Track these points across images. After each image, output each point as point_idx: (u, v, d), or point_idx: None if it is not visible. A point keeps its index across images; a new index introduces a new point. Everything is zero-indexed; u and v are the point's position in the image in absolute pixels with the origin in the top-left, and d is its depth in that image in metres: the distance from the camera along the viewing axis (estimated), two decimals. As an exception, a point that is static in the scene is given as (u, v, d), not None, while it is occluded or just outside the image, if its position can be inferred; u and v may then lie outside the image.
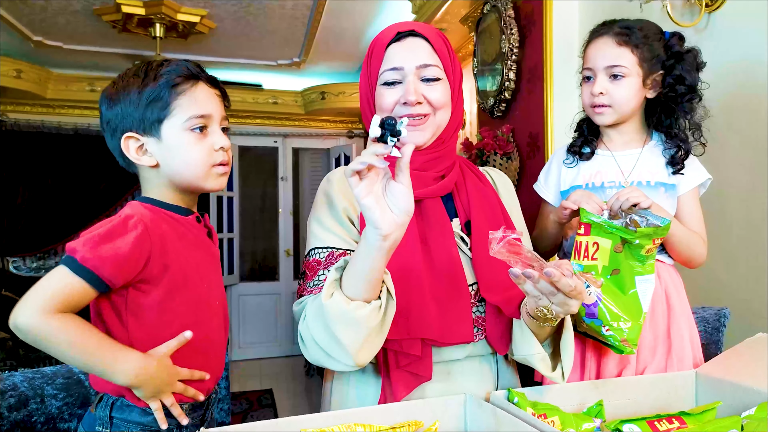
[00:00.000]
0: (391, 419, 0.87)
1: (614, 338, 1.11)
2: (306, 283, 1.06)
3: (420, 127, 1.07)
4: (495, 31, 2.73)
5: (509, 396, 0.95)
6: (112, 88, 0.99)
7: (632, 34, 1.26)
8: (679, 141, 1.29)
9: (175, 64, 0.98)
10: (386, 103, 1.07)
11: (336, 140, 6.15)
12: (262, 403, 4.53)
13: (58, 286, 0.86)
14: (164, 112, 0.96)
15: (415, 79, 1.05)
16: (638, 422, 0.90)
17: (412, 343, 1.00)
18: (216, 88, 1.03)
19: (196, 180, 0.99)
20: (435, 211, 1.09)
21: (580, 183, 1.34)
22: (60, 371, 1.12)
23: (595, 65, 1.28)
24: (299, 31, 4.21)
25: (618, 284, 1.11)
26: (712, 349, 1.52)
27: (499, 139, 2.67)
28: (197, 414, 1.00)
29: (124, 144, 0.98)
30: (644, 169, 1.30)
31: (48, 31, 4.13)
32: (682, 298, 1.31)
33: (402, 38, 1.07)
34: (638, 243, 1.08)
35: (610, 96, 1.27)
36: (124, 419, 0.94)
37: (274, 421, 0.83)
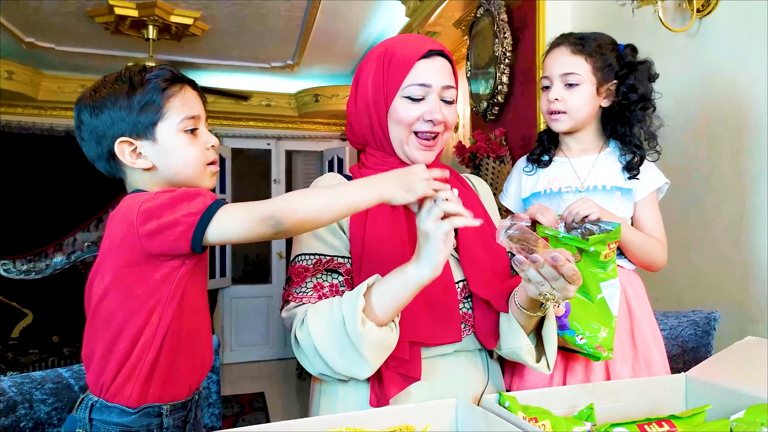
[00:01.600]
0: (383, 423, 0.87)
1: (589, 345, 1.13)
2: (292, 288, 1.07)
3: (434, 147, 1.12)
4: (488, 35, 2.74)
5: (500, 400, 0.95)
6: (94, 96, 0.99)
7: (586, 44, 1.31)
8: (634, 147, 1.33)
9: (158, 68, 1.01)
10: (407, 117, 1.09)
11: (329, 143, 6.15)
12: (254, 406, 4.52)
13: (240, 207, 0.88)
14: (158, 115, 0.98)
15: (437, 98, 1.09)
16: (628, 425, 0.90)
17: (401, 346, 1.01)
18: (197, 90, 1.07)
19: (192, 179, 1.01)
20: None
21: (539, 190, 1.38)
22: (49, 376, 1.11)
23: (551, 73, 1.33)
24: (293, 34, 4.21)
25: (584, 293, 1.15)
26: (702, 352, 1.53)
27: (491, 143, 2.68)
28: (179, 415, 1.00)
29: (118, 149, 0.98)
30: (600, 174, 1.34)
31: (40, 33, 4.11)
32: (643, 301, 1.34)
33: (431, 56, 1.09)
34: (594, 250, 1.12)
35: (565, 102, 1.31)
36: (103, 420, 0.94)
37: (264, 426, 0.83)
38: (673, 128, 1.44)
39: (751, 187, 1.62)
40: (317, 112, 5.75)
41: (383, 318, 0.95)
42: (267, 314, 5.96)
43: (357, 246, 1.08)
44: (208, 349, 1.05)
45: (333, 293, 1.05)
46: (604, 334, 1.13)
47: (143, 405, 0.94)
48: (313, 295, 1.04)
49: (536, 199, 1.37)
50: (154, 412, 0.95)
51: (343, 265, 1.07)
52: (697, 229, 1.78)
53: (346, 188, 0.89)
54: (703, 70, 1.78)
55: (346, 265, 1.08)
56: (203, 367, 1.05)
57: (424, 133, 1.09)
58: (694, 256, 1.79)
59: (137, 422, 0.94)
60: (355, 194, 0.88)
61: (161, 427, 0.96)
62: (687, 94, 1.82)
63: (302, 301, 1.03)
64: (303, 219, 0.87)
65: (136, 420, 0.94)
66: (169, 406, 0.97)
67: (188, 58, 4.62)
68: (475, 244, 1.13)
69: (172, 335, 0.94)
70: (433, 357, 1.08)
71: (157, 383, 0.95)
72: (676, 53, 1.85)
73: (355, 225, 1.09)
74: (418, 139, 1.10)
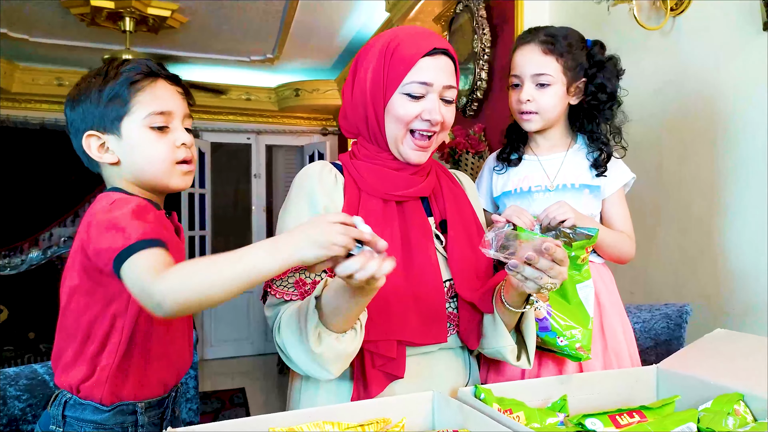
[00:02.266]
0: (360, 417, 0.88)
1: (570, 347, 1.15)
2: (273, 281, 1.04)
3: (428, 148, 1.10)
4: (467, 31, 2.76)
5: (476, 392, 0.96)
6: (75, 90, 0.99)
7: (557, 42, 1.30)
8: (601, 144, 1.34)
9: (136, 62, 0.98)
10: (406, 115, 1.06)
11: (310, 137, 6.13)
12: (234, 402, 4.50)
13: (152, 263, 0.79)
14: (123, 109, 0.96)
15: (437, 98, 1.07)
16: (600, 416, 0.92)
17: (389, 345, 1.02)
18: (178, 85, 1.03)
19: (159, 178, 0.99)
20: (415, 211, 1.12)
21: (509, 189, 1.39)
22: (23, 372, 1.10)
23: (522, 72, 1.32)
24: (273, 27, 4.18)
25: (562, 295, 1.17)
26: (674, 345, 1.56)
27: (471, 138, 2.69)
28: (155, 412, 0.99)
29: (86, 142, 0.98)
30: (568, 172, 1.35)
31: (13, 23, 4.02)
32: (612, 294, 1.36)
33: (436, 54, 1.07)
34: (574, 255, 1.14)
35: (537, 103, 1.31)
36: (77, 417, 0.93)
37: (242, 420, 0.83)
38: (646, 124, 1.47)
39: (723, 182, 1.65)
40: (298, 106, 5.73)
41: (340, 326, 0.92)
42: (247, 310, 5.93)
43: None
44: (185, 348, 1.04)
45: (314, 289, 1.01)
46: (582, 335, 1.15)
47: (117, 403, 0.94)
48: (295, 292, 1.02)
49: (507, 198, 1.39)
50: (129, 410, 0.95)
51: None
52: (670, 224, 1.82)
53: (250, 255, 0.78)
54: (677, 67, 1.81)
55: None
56: (180, 366, 1.04)
57: (420, 131, 1.07)
58: (666, 250, 1.82)
59: (111, 419, 0.93)
60: (258, 263, 0.77)
61: (136, 425, 0.95)
62: (660, 91, 1.85)
63: (283, 297, 1.02)
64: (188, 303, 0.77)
65: (110, 417, 0.93)
66: (144, 403, 0.96)
67: (166, 50, 4.56)
68: (462, 244, 1.13)
69: (143, 338, 0.94)
70: (417, 355, 1.08)
71: (130, 383, 0.94)
72: (651, 51, 1.88)
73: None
74: (414, 138, 1.08)
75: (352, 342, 0.94)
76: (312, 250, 0.77)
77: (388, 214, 1.09)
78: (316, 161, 1.16)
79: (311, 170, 1.12)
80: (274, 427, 0.82)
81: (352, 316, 0.92)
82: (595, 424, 0.90)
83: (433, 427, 0.93)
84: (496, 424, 0.80)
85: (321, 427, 0.84)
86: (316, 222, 0.80)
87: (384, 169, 1.11)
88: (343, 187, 1.11)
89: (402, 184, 1.10)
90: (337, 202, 1.09)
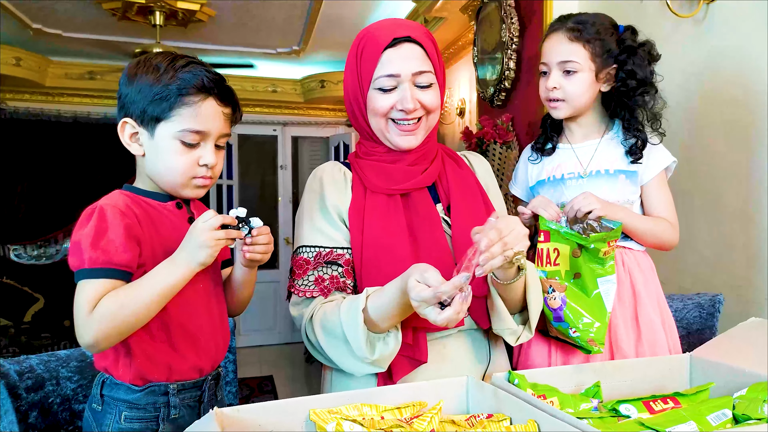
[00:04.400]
0: (397, 400, 0.90)
1: (581, 339, 1.17)
2: (295, 281, 1.10)
3: (415, 132, 1.12)
4: (495, 20, 2.75)
5: (509, 378, 0.98)
6: (135, 67, 1.01)
7: (585, 29, 1.29)
8: (635, 131, 1.32)
9: (196, 70, 0.99)
10: (381, 108, 1.10)
11: (335, 129, 6.16)
12: (262, 390, 4.58)
13: (91, 296, 0.89)
14: (164, 114, 0.98)
15: (410, 86, 1.08)
16: (634, 402, 0.93)
17: (405, 332, 1.04)
18: (227, 106, 1.04)
19: (173, 186, 1.02)
20: (422, 202, 1.14)
21: (543, 177, 1.39)
22: (74, 354, 1.15)
23: (549, 60, 1.32)
24: (299, 19, 4.21)
25: (581, 287, 1.18)
26: (706, 334, 1.56)
27: (498, 128, 2.69)
28: (190, 395, 1.02)
29: (121, 127, 1.01)
30: (603, 159, 1.34)
31: (47, 19, 4.11)
32: (651, 283, 1.34)
33: (397, 44, 1.08)
34: (594, 247, 1.15)
35: (564, 90, 1.30)
36: (112, 396, 0.98)
37: (284, 402, 0.86)
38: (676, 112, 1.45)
39: (756, 171, 1.63)
40: (323, 98, 5.75)
41: (388, 328, 1.00)
42: (274, 299, 6.00)
43: (356, 237, 1.10)
44: (214, 335, 1.06)
45: (334, 285, 1.08)
46: (595, 329, 1.16)
47: (148, 384, 0.98)
48: (315, 289, 1.08)
49: (541, 187, 1.39)
50: (160, 390, 0.99)
51: (342, 256, 1.10)
52: (702, 213, 1.80)
53: (157, 274, 0.93)
54: (709, 55, 1.79)
55: (345, 255, 1.10)
56: (212, 352, 1.06)
57: (400, 121, 1.10)
58: (698, 239, 1.81)
59: (143, 399, 0.98)
60: (165, 278, 0.92)
61: (168, 406, 0.99)
62: (692, 79, 1.83)
63: (305, 295, 1.08)
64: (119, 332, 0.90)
65: (141, 397, 0.97)
66: (176, 385, 1.00)
67: (194, 44, 4.62)
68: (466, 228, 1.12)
69: (159, 325, 0.97)
70: (436, 339, 1.11)
71: (157, 367, 0.98)
72: (682, 39, 1.86)
73: (354, 217, 1.12)
74: (397, 125, 1.11)
75: (396, 341, 1.00)
76: (201, 253, 0.92)
77: (392, 207, 1.12)
78: (326, 162, 1.21)
79: (321, 171, 1.19)
80: (314, 408, 0.85)
81: (403, 316, 0.99)
82: (629, 409, 0.91)
83: (467, 411, 0.95)
84: (531, 408, 0.82)
85: (359, 409, 0.87)
86: (193, 229, 0.93)
87: (381, 164, 1.15)
88: (352, 185, 1.16)
89: (400, 177, 1.13)
90: (346, 200, 1.14)
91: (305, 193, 1.19)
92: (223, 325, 1.10)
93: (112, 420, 0.97)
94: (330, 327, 1.01)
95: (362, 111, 1.14)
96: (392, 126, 1.11)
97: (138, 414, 0.98)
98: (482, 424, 0.84)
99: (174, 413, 1.00)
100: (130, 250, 0.93)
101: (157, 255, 0.98)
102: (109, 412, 0.98)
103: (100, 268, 0.90)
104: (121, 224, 0.93)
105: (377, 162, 1.16)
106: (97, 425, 0.98)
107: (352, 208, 1.13)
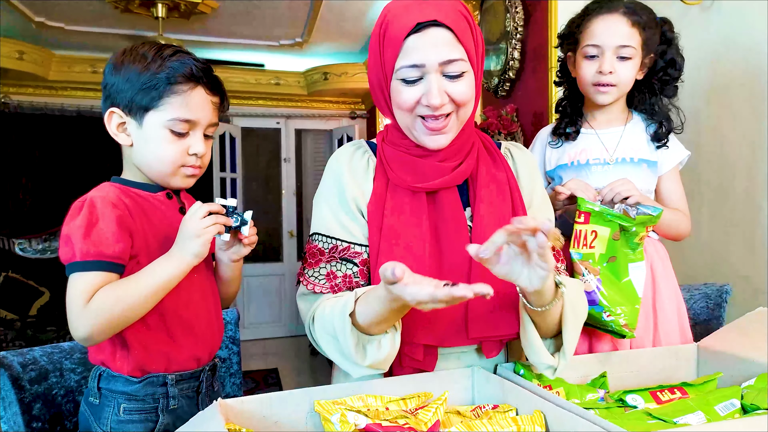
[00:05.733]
0: (402, 391, 0.90)
1: (615, 323, 1.14)
2: (305, 270, 1.04)
3: (444, 130, 0.98)
4: (500, 10, 2.72)
5: (515, 368, 0.98)
6: (121, 56, 1.00)
7: (642, 15, 1.26)
8: (663, 118, 1.32)
9: (183, 59, 0.98)
10: (405, 102, 0.96)
11: (339, 121, 6.14)
12: (267, 382, 4.59)
13: (84, 289, 0.89)
14: (153, 103, 0.97)
15: (438, 77, 0.94)
16: (641, 392, 0.92)
17: (415, 349, 0.98)
18: (215, 95, 1.03)
19: (162, 175, 1.02)
20: (450, 203, 1.02)
21: (565, 162, 1.37)
22: (77, 346, 1.15)
23: (604, 43, 1.26)
24: (302, 11, 4.18)
25: (614, 272, 1.16)
26: (713, 325, 1.54)
27: (503, 119, 2.67)
28: (188, 385, 1.02)
29: (108, 117, 1.01)
30: (627, 146, 1.33)
31: (50, 12, 4.10)
32: (668, 272, 1.34)
33: (422, 29, 0.92)
34: (635, 231, 1.13)
35: (617, 75, 1.27)
36: (110, 389, 0.98)
37: (288, 392, 0.86)
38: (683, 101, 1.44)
39: (763, 160, 1.61)
40: (326, 90, 5.73)
41: (382, 329, 0.89)
42: (279, 292, 6.01)
43: (374, 234, 1.01)
44: (210, 324, 1.06)
45: (346, 284, 1.01)
46: (627, 313, 1.13)
47: (146, 375, 0.97)
48: (326, 285, 1.01)
49: (562, 171, 1.37)
50: (159, 381, 0.98)
51: (360, 255, 1.02)
52: (708, 203, 1.79)
53: (154, 269, 0.93)
54: (716, 43, 1.77)
55: (362, 255, 1.02)
56: (209, 341, 1.06)
57: (427, 117, 0.97)
58: (705, 229, 1.79)
59: (142, 391, 0.97)
60: (162, 272, 0.93)
61: (167, 396, 0.99)
62: (698, 68, 1.81)
63: (314, 289, 1.01)
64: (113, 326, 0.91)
65: (140, 389, 0.97)
66: (174, 376, 1.00)
67: (197, 36, 4.60)
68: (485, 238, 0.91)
69: (156, 316, 0.97)
70: (453, 353, 1.02)
71: (155, 357, 0.98)
72: (689, 27, 1.83)
73: (373, 213, 1.02)
74: (425, 122, 0.97)
75: (392, 345, 0.90)
76: (193, 244, 0.93)
77: (416, 207, 1.01)
78: (350, 142, 1.11)
79: (342, 156, 1.08)
80: (318, 399, 0.85)
81: (393, 320, 0.89)
82: (635, 399, 0.91)
83: (473, 402, 0.94)
84: (538, 399, 0.81)
85: (364, 400, 0.87)
86: (185, 221, 0.94)
87: (408, 156, 1.03)
88: (374, 174, 1.06)
89: (429, 173, 1.01)
90: (366, 192, 1.05)
91: (325, 174, 1.09)
92: (218, 315, 1.10)
93: (111, 412, 0.97)
94: (327, 327, 0.94)
95: (387, 100, 1.01)
96: (419, 124, 0.98)
97: (137, 406, 0.97)
98: (488, 415, 0.83)
99: (173, 404, 1.00)
100: (122, 242, 0.93)
101: (150, 246, 0.98)
102: (107, 405, 0.97)
103: (93, 260, 0.90)
104: (112, 216, 0.93)
105: (404, 153, 1.03)
106: (95, 419, 0.98)
107: (372, 202, 1.02)
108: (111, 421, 0.96)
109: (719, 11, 1.75)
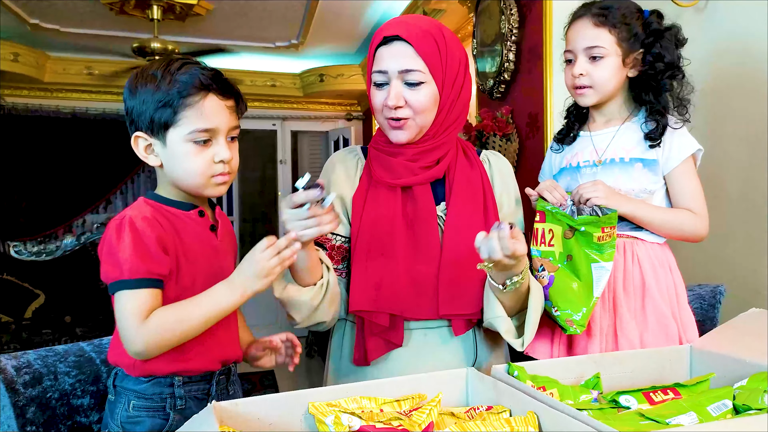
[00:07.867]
0: (397, 392, 0.90)
1: (560, 318, 1.20)
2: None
3: (403, 127, 1.14)
4: (494, 12, 2.73)
5: (509, 370, 0.98)
6: (134, 80, 1.02)
7: (609, 14, 1.27)
8: (657, 116, 1.30)
9: (191, 70, 1.00)
10: (376, 103, 1.15)
11: (335, 123, 6.15)
12: (264, 384, 4.59)
13: (139, 306, 0.93)
14: (171, 119, 0.99)
15: (398, 83, 1.11)
16: (634, 393, 0.92)
17: (380, 316, 1.12)
18: (229, 98, 1.04)
19: (195, 188, 1.04)
20: (422, 197, 1.18)
21: (564, 165, 1.39)
22: (72, 350, 1.15)
23: (575, 47, 1.31)
24: (297, 13, 4.19)
25: (573, 270, 1.20)
26: (707, 326, 1.55)
27: (498, 121, 2.68)
28: (197, 387, 1.05)
29: (134, 142, 1.03)
30: (618, 147, 1.32)
31: (44, 14, 4.10)
32: (662, 275, 1.30)
33: (388, 42, 1.12)
34: (585, 230, 1.16)
35: (590, 77, 1.29)
36: (123, 387, 1.03)
37: (283, 395, 0.86)
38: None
39: (758, 160, 1.62)
40: (322, 92, 5.74)
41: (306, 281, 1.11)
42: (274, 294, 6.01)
43: (354, 224, 1.18)
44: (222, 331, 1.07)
45: None
46: (580, 313, 1.18)
47: (152, 375, 1.01)
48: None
49: (561, 176, 1.38)
50: (166, 382, 1.02)
51: (329, 241, 1.19)
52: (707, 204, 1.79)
53: (213, 295, 0.97)
54: (711, 44, 1.78)
55: (331, 241, 1.19)
56: (219, 348, 1.07)
57: (388, 119, 1.14)
58: (700, 231, 1.80)
59: (150, 390, 1.02)
60: (221, 300, 0.97)
61: (174, 397, 1.02)
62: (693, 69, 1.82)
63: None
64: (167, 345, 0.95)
65: (148, 388, 1.02)
66: (182, 378, 1.02)
67: (192, 38, 4.60)
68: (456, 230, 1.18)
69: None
70: (422, 328, 1.17)
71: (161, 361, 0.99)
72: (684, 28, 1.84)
73: (356, 205, 1.19)
74: (389, 120, 1.15)
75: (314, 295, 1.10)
76: (258, 283, 0.97)
77: (391, 200, 1.17)
78: (345, 147, 1.27)
79: (336, 157, 1.27)
80: (313, 401, 0.85)
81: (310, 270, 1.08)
82: (629, 400, 0.91)
83: (467, 404, 0.95)
84: (531, 400, 0.82)
85: (358, 402, 0.87)
86: (250, 258, 0.97)
87: (383, 155, 1.20)
88: (362, 174, 1.23)
89: (399, 171, 1.17)
90: (353, 189, 1.22)
91: (321, 175, 1.26)
92: (231, 326, 1.12)
93: (122, 408, 1.02)
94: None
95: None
96: (386, 121, 1.16)
97: (145, 403, 1.02)
98: (482, 416, 0.84)
99: (180, 404, 1.03)
100: (165, 259, 0.97)
101: (181, 264, 1.00)
102: (120, 401, 1.03)
103: (143, 278, 0.94)
104: (152, 234, 0.96)
105: (381, 153, 1.20)
106: (111, 415, 1.03)
107: (356, 196, 1.20)
108: (121, 417, 1.02)
109: (714, 13, 1.76)
